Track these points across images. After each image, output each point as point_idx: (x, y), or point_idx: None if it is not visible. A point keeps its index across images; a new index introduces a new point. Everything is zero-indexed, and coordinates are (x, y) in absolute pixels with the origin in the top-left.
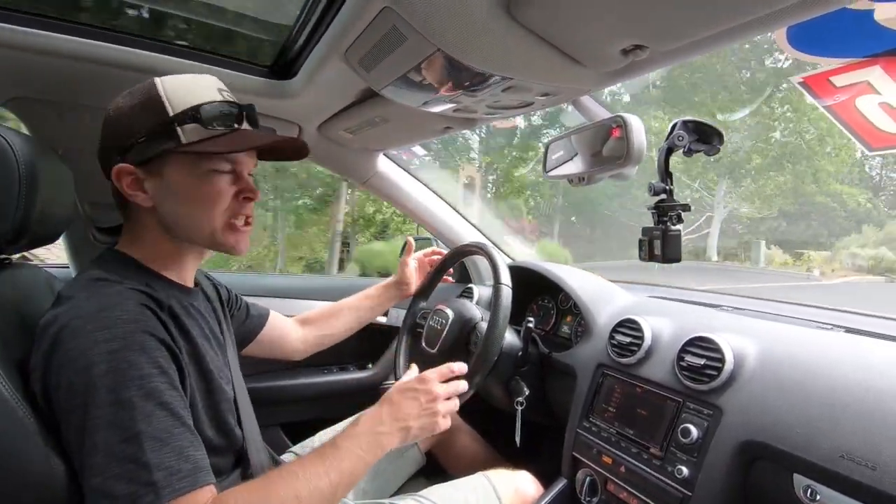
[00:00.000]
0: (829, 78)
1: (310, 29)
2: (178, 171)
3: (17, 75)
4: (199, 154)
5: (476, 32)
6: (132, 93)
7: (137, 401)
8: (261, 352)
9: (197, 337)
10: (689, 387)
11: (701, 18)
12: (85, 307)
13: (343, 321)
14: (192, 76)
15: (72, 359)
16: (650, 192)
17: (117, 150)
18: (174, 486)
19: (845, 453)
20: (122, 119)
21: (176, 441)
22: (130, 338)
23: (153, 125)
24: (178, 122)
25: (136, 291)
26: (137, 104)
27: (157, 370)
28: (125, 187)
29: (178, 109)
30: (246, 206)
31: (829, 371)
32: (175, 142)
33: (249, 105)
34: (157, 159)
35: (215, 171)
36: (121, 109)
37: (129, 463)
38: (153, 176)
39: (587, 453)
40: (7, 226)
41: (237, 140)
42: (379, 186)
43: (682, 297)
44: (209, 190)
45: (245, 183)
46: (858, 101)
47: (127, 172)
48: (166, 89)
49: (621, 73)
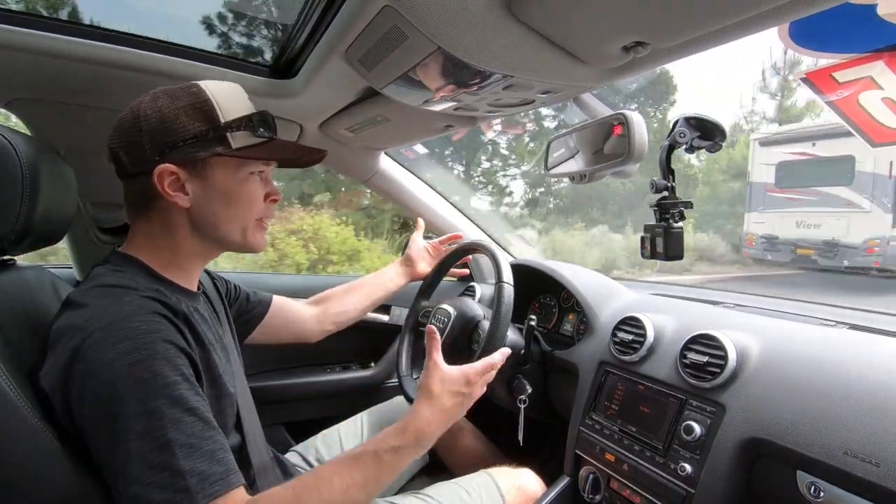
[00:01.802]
0: (831, 73)
1: (310, 28)
2: (223, 173)
3: (18, 77)
4: (242, 159)
5: (477, 30)
6: (171, 95)
7: (166, 409)
8: (271, 338)
9: (206, 342)
10: (691, 384)
11: (702, 15)
12: (103, 317)
13: (357, 298)
14: (227, 84)
15: (96, 371)
16: (652, 189)
17: (157, 151)
18: (207, 491)
19: (849, 450)
20: (165, 120)
21: (207, 445)
22: (153, 348)
23: (204, 129)
24: (230, 128)
25: (152, 300)
26: (185, 107)
27: (180, 377)
28: (166, 187)
29: (230, 116)
30: (272, 208)
31: (833, 368)
32: (225, 146)
33: (270, 114)
34: (202, 161)
35: (253, 174)
36: (161, 111)
37: (164, 471)
38: (196, 177)
39: (590, 451)
40: (10, 227)
41: (277, 148)
42: (380, 185)
43: (684, 295)
44: (248, 192)
45: (272, 186)
46: (861, 96)
47: (169, 173)
48: (214, 95)
49: (622, 70)
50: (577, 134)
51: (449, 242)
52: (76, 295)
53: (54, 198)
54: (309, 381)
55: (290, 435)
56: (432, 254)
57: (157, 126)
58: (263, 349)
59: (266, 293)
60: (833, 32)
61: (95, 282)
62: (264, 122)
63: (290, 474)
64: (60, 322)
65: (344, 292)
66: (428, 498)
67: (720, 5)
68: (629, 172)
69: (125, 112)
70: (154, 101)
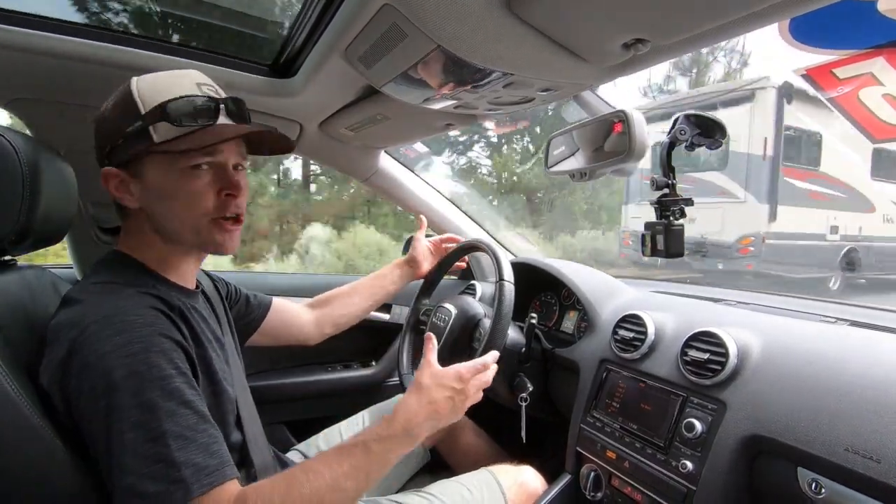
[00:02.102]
0: (831, 70)
1: (310, 27)
2: (156, 171)
3: (18, 77)
4: (176, 152)
5: (476, 28)
6: (114, 95)
7: (160, 401)
8: (271, 340)
9: (202, 339)
10: (692, 381)
11: (702, 12)
12: (99, 311)
13: (358, 301)
14: (171, 72)
15: (91, 364)
16: (652, 186)
17: (103, 154)
18: (202, 482)
19: (850, 447)
20: (104, 122)
21: (201, 438)
22: (148, 340)
23: (128, 126)
24: (148, 121)
25: (147, 295)
26: (114, 106)
27: (175, 371)
28: (113, 190)
29: (149, 108)
30: (231, 203)
31: (834, 365)
32: (148, 142)
33: (232, 98)
34: (136, 160)
35: (193, 167)
36: (103, 113)
37: (158, 462)
38: (135, 177)
39: (591, 448)
40: (11, 227)
41: (210, 135)
42: (381, 184)
43: (685, 292)
44: (189, 188)
45: (227, 180)
46: (862, 92)
47: (113, 175)
48: (140, 88)
49: (622, 67)
50: (577, 131)
51: (447, 243)
52: (73, 292)
53: (55, 198)
54: (310, 380)
55: (292, 434)
56: (434, 252)
57: (99, 129)
58: (265, 349)
59: (266, 296)
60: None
61: (92, 279)
62: (194, 109)
63: None
64: (58, 318)
65: (345, 295)
66: (430, 496)
67: (720, 2)
68: (629, 170)
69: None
70: (105, 104)
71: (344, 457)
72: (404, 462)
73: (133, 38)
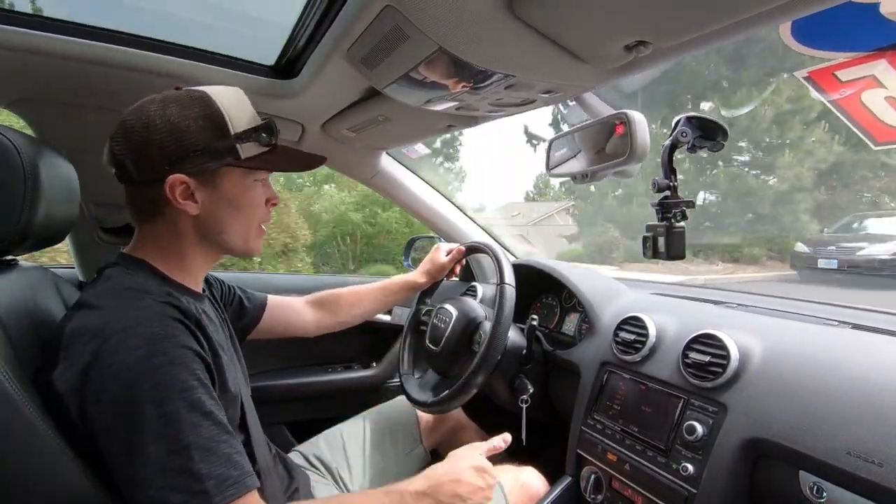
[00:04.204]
0: (833, 72)
1: (312, 28)
2: (232, 182)
3: (20, 77)
4: (251, 168)
5: (478, 30)
6: (181, 104)
7: (183, 413)
8: (267, 336)
9: (216, 346)
10: (693, 384)
11: (704, 14)
12: (121, 321)
13: (363, 309)
14: (232, 90)
15: (114, 374)
16: (654, 188)
17: (167, 161)
18: (224, 494)
19: (852, 450)
20: (177, 130)
21: (223, 449)
22: (171, 353)
23: (215, 140)
24: (240, 139)
25: (168, 305)
26: (195, 118)
27: (197, 382)
28: (177, 196)
29: (239, 127)
30: (269, 212)
31: (835, 368)
32: (235, 156)
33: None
34: (211, 171)
35: (257, 181)
36: (171, 120)
37: (181, 474)
38: (206, 186)
39: (592, 451)
40: (13, 227)
41: (287, 157)
42: (382, 185)
43: (686, 294)
44: (253, 199)
45: (271, 191)
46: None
47: (181, 182)
48: (224, 106)
49: (624, 69)
50: (578, 133)
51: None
52: (90, 297)
53: (56, 198)
54: (311, 381)
55: (292, 435)
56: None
57: (168, 137)
58: (265, 349)
59: (260, 294)
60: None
61: (108, 284)
62: (269, 132)
63: (293, 473)
64: (75, 324)
65: (349, 302)
66: None
67: (722, 4)
68: (631, 172)
69: (131, 119)
70: (163, 110)
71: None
72: (405, 464)
73: (135, 39)
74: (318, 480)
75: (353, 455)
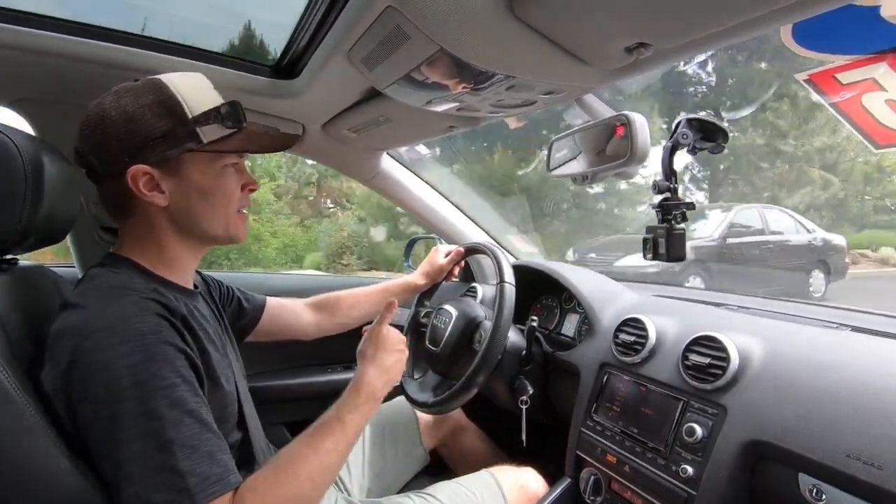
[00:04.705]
0: (834, 75)
1: (313, 28)
2: (198, 169)
3: (21, 76)
4: (217, 152)
5: (479, 31)
6: (134, 92)
7: (165, 410)
8: (266, 338)
9: (205, 342)
10: (693, 386)
11: (705, 16)
12: (103, 318)
13: (362, 312)
14: (190, 75)
15: (96, 372)
16: (654, 190)
17: (126, 153)
18: (207, 491)
19: (852, 453)
20: (132, 119)
21: (205, 447)
22: (153, 349)
23: (172, 126)
24: (199, 123)
25: (151, 301)
26: (150, 104)
27: (179, 379)
28: (141, 188)
29: (198, 111)
30: (248, 197)
31: (835, 370)
32: (196, 142)
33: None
34: (174, 160)
35: (228, 166)
36: (124, 110)
37: (164, 471)
38: (171, 175)
39: (591, 452)
40: (13, 226)
41: (251, 138)
42: (382, 185)
43: (686, 296)
44: (225, 185)
45: (248, 176)
46: (864, 98)
47: (143, 173)
48: (180, 90)
49: (625, 70)
50: (579, 135)
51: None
52: (74, 296)
53: (57, 197)
54: (310, 380)
55: (292, 435)
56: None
57: (123, 126)
58: (264, 349)
59: (259, 296)
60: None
61: (93, 283)
62: (233, 113)
63: None
64: (59, 324)
65: (349, 304)
66: (430, 497)
67: (723, 7)
68: (631, 173)
69: (90, 112)
70: (118, 100)
71: (322, 435)
72: (405, 464)
73: (136, 39)
74: None
75: (353, 455)
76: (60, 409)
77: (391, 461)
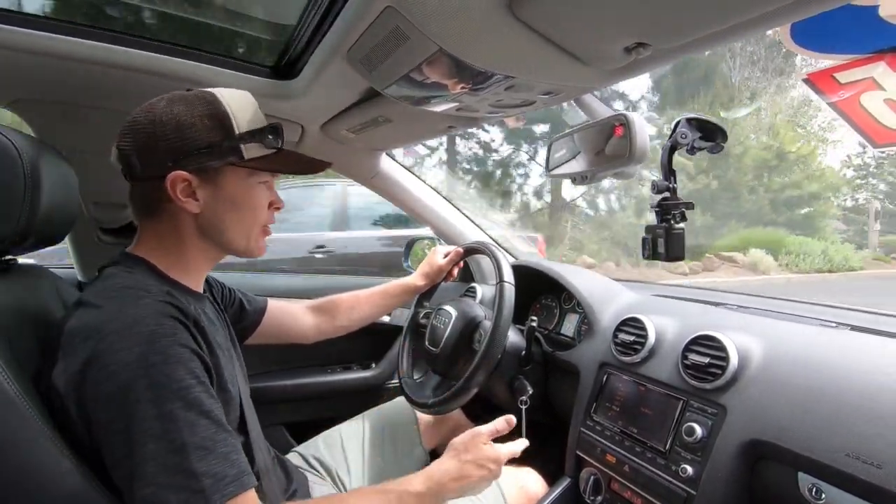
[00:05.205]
0: (833, 74)
1: (312, 29)
2: (234, 182)
3: (20, 77)
4: (254, 168)
5: (478, 31)
6: (187, 102)
7: (180, 412)
8: (267, 340)
9: (214, 346)
10: (693, 385)
11: (704, 16)
12: (119, 319)
13: (363, 314)
14: (239, 93)
15: (112, 373)
16: (653, 189)
17: (171, 157)
18: (222, 492)
19: (851, 452)
20: (182, 127)
21: (220, 448)
22: (168, 351)
23: (219, 139)
24: (244, 140)
25: (166, 304)
26: (202, 116)
27: (195, 381)
28: (178, 193)
29: (244, 127)
30: (273, 215)
31: (835, 369)
32: (238, 157)
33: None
34: (214, 170)
35: (261, 183)
36: (177, 118)
37: (179, 473)
38: (208, 184)
39: (591, 452)
40: (12, 227)
41: (286, 159)
42: (382, 186)
43: (685, 296)
44: (255, 200)
45: (276, 195)
46: (863, 97)
47: (182, 179)
48: (230, 106)
49: (624, 70)
50: (578, 135)
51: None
52: (89, 296)
53: (56, 198)
54: (310, 381)
55: (291, 436)
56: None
57: (173, 133)
58: (263, 350)
59: (261, 298)
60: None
61: (108, 282)
62: (275, 134)
63: (292, 475)
64: (73, 322)
65: (350, 306)
66: None
67: (722, 7)
68: (630, 174)
69: (139, 114)
70: (170, 107)
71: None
72: (405, 464)
73: (135, 39)
74: (317, 482)
75: (353, 456)
76: (71, 407)
77: (391, 461)
